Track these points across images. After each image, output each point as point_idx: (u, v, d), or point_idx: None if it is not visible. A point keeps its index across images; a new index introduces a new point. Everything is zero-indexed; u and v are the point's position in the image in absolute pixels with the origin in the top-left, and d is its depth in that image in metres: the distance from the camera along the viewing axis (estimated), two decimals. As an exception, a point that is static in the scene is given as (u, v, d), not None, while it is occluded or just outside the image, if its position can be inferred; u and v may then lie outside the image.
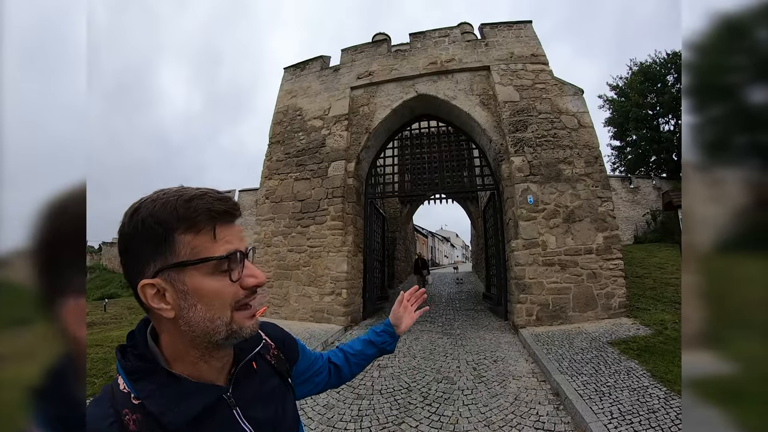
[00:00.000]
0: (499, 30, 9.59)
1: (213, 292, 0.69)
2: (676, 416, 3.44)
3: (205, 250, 0.69)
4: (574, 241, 7.61)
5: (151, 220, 0.67)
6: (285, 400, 0.92)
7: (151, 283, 0.67)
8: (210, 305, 0.69)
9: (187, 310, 0.69)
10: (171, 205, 0.68)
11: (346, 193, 9.27)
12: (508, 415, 3.95)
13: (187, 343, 0.72)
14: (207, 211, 0.69)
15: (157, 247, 0.67)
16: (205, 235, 0.69)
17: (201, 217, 0.68)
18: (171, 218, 0.67)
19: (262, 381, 0.89)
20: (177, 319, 0.69)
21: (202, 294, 0.69)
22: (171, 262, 0.67)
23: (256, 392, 0.86)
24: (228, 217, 0.73)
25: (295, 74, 10.97)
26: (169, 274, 0.68)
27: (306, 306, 8.88)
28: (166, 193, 0.70)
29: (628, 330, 6.27)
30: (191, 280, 0.68)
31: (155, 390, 0.69)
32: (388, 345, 1.38)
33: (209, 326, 0.70)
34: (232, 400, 0.78)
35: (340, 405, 4.38)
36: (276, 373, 0.95)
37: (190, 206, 0.68)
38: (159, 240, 0.67)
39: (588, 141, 8.28)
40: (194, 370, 0.74)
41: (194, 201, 0.69)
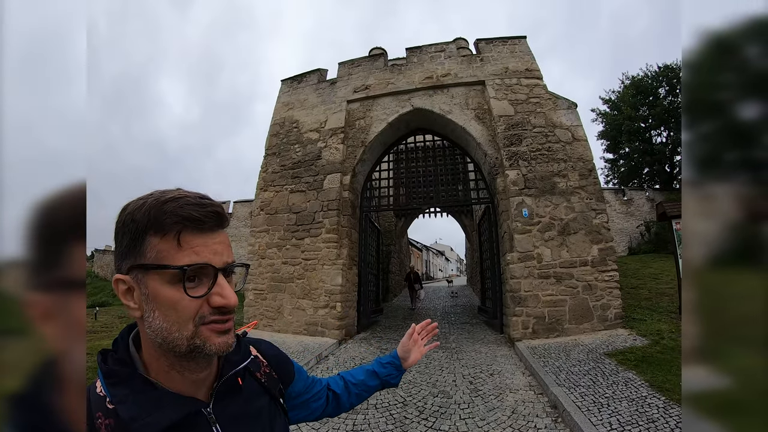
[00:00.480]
0: (494, 45, 9.76)
1: (170, 302, 0.65)
2: (675, 425, 3.42)
3: (168, 257, 0.65)
4: (569, 253, 7.63)
5: (129, 218, 0.67)
6: (273, 422, 0.86)
7: (122, 279, 0.68)
8: (166, 315, 0.66)
9: (149, 314, 0.66)
10: (148, 206, 0.66)
11: (342, 206, 9.27)
12: (506, 428, 3.90)
13: (155, 348, 0.69)
14: (173, 215, 0.66)
15: (130, 245, 0.66)
16: (170, 241, 0.66)
17: (168, 220, 0.65)
18: (143, 218, 0.65)
19: (249, 399, 0.84)
20: (142, 320, 0.68)
21: (159, 302, 0.65)
22: (138, 262, 0.66)
23: (241, 410, 0.80)
24: (198, 224, 0.68)
25: (292, 87, 11.05)
26: (136, 274, 0.67)
27: (300, 319, 8.79)
28: (153, 194, 0.69)
29: (625, 341, 6.26)
30: (152, 285, 0.66)
31: (129, 395, 0.66)
32: (392, 378, 1.30)
33: (167, 336, 0.66)
34: (212, 416, 0.74)
35: (335, 420, 4.29)
36: (266, 392, 0.88)
37: (162, 209, 0.66)
38: (132, 238, 0.66)
39: (582, 154, 8.37)
40: (167, 379, 0.70)
41: (168, 203, 0.66)
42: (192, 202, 0.68)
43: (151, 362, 0.71)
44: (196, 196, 0.70)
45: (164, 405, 0.67)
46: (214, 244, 0.70)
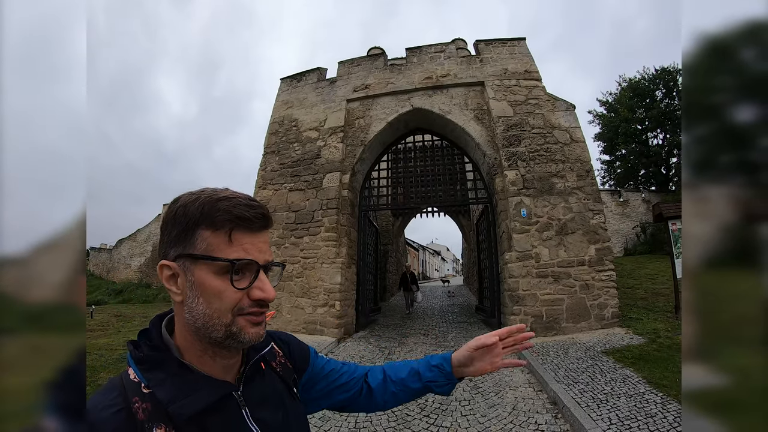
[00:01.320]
0: (493, 46, 9.82)
1: (215, 291, 0.70)
2: (673, 420, 3.49)
3: (218, 251, 0.71)
4: (567, 253, 7.70)
5: (181, 210, 0.72)
6: (289, 410, 0.88)
7: (168, 265, 0.73)
8: (209, 302, 0.70)
9: (192, 300, 0.71)
10: (201, 201, 0.72)
11: (341, 204, 9.29)
12: (507, 424, 3.95)
13: (192, 333, 0.73)
14: (227, 213, 0.71)
15: (181, 236, 0.72)
16: (221, 236, 0.71)
17: (221, 217, 0.71)
18: (196, 212, 0.71)
19: (270, 384, 0.88)
20: (183, 305, 0.72)
21: (204, 290, 0.70)
22: (187, 251, 0.71)
23: (264, 394, 0.84)
24: (248, 224, 0.74)
25: (291, 85, 11.05)
26: (184, 262, 0.72)
27: (299, 317, 8.80)
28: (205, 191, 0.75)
29: (622, 339, 6.33)
30: (199, 274, 0.71)
31: (166, 379, 0.70)
32: (437, 386, 1.06)
33: (207, 322, 0.71)
34: (242, 399, 0.78)
35: (337, 417, 4.32)
36: (281, 380, 0.92)
37: (216, 206, 0.71)
38: (183, 230, 0.71)
39: (580, 155, 8.46)
40: (200, 363, 0.75)
41: (222, 202, 0.72)
42: (243, 203, 0.74)
43: (186, 347, 0.75)
44: (246, 197, 0.76)
45: (200, 387, 0.71)
46: (259, 243, 0.76)
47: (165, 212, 0.76)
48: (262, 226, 0.77)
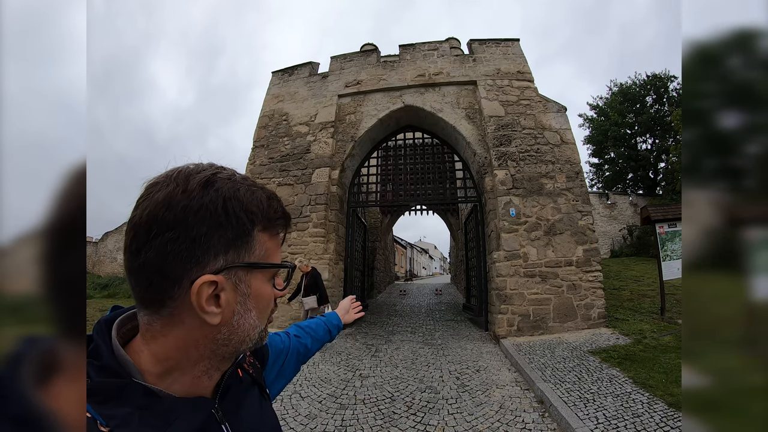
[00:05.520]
0: (487, 46, 9.84)
1: (267, 299, 0.65)
2: (660, 419, 3.52)
3: (273, 256, 0.64)
4: (555, 253, 7.75)
5: (237, 206, 0.57)
6: (264, 415, 0.81)
7: (213, 281, 0.55)
8: (262, 312, 0.64)
9: (241, 315, 0.60)
10: (258, 196, 0.61)
11: (330, 200, 9.22)
12: (494, 423, 3.93)
13: (205, 353, 0.60)
14: (284, 215, 0.66)
15: (236, 240, 0.58)
16: (276, 239, 0.65)
17: (280, 220, 0.65)
18: (258, 211, 0.60)
19: (246, 390, 0.78)
20: (220, 325, 0.58)
21: (260, 300, 0.63)
22: (244, 260, 0.59)
23: (243, 403, 0.75)
24: (289, 227, 0.70)
25: (283, 79, 10.93)
26: (236, 273, 0.58)
27: (285, 314, 8.70)
28: (236, 177, 0.61)
29: (608, 339, 6.39)
30: (256, 284, 0.62)
31: (132, 414, 0.52)
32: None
33: (250, 333, 0.63)
34: (220, 413, 0.66)
35: (323, 415, 4.27)
36: (254, 382, 0.83)
37: (272, 205, 0.63)
38: (240, 232, 0.58)
39: (570, 157, 8.51)
40: (190, 385, 0.61)
41: (274, 201, 0.65)
42: (278, 200, 0.67)
43: (173, 368, 0.59)
44: (271, 191, 0.67)
45: (176, 416, 0.57)
46: None
47: (185, 200, 0.55)
48: None
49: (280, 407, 4.39)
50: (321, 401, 4.63)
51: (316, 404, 4.54)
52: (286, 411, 4.34)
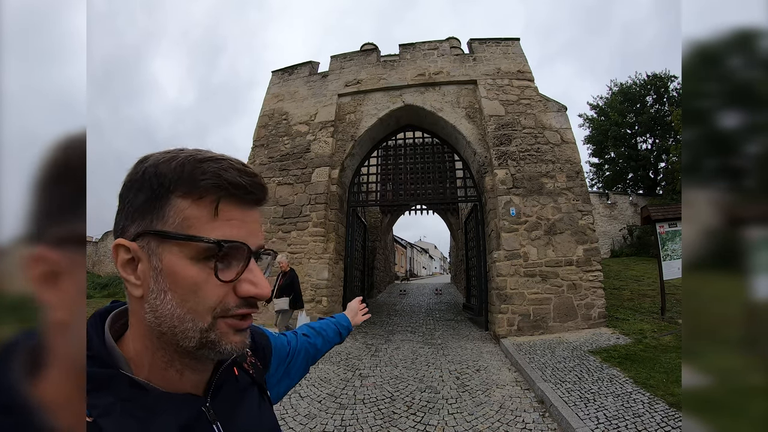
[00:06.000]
0: (487, 46, 9.84)
1: (190, 283, 0.54)
2: (661, 419, 3.52)
3: (199, 227, 0.53)
4: (555, 252, 7.74)
5: (151, 171, 0.54)
6: (263, 417, 0.77)
7: (125, 245, 0.54)
8: (183, 299, 0.54)
9: (156, 294, 0.54)
10: (179, 160, 0.55)
11: (329, 199, 9.21)
12: (494, 423, 3.93)
13: (154, 339, 0.56)
14: (215, 176, 0.54)
15: (146, 204, 0.54)
16: (204, 208, 0.54)
17: (206, 181, 0.54)
18: (172, 174, 0.54)
19: (242, 390, 0.73)
20: (143, 301, 0.55)
21: (176, 281, 0.53)
22: (155, 227, 0.53)
23: (238, 403, 0.70)
24: (242, 193, 0.57)
25: (282, 78, 10.93)
26: (149, 242, 0.54)
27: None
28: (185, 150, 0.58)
29: (609, 339, 6.38)
30: (169, 259, 0.53)
31: (115, 404, 0.52)
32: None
33: (177, 326, 0.54)
34: (212, 412, 0.62)
35: (323, 415, 4.27)
36: (253, 382, 0.78)
37: (199, 167, 0.54)
38: (151, 196, 0.54)
39: (570, 156, 8.51)
40: (162, 379, 0.58)
41: (207, 162, 0.55)
42: (236, 167, 0.57)
43: (142, 356, 0.58)
44: (238, 161, 0.59)
45: (161, 410, 0.55)
46: (251, 222, 0.59)
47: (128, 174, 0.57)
48: (256, 200, 0.60)
49: (279, 407, 4.39)
50: (320, 401, 4.63)
51: (315, 404, 4.54)
52: (286, 411, 4.33)
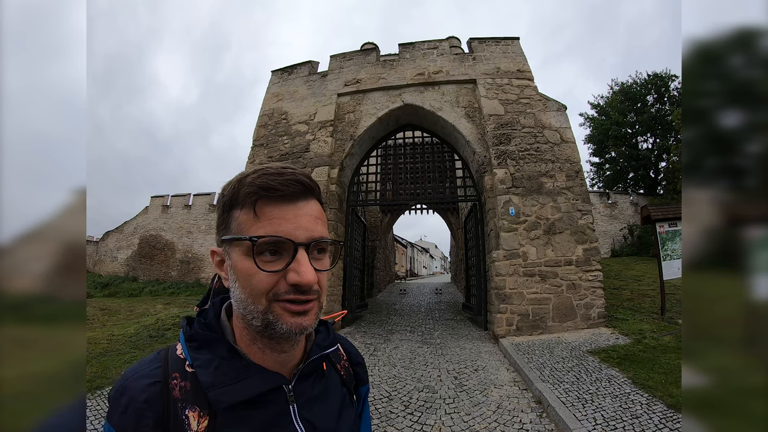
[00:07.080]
0: (486, 45, 9.82)
1: (245, 274, 0.65)
2: (659, 420, 3.49)
3: (245, 229, 0.65)
4: (555, 252, 7.72)
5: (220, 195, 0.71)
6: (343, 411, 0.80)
7: (216, 251, 0.73)
8: (243, 286, 0.65)
9: (232, 283, 0.68)
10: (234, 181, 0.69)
11: (329, 199, 9.18)
12: (491, 423, 3.91)
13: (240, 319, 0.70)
14: (249, 186, 0.66)
15: (220, 220, 0.70)
16: (247, 213, 0.65)
17: (244, 191, 0.66)
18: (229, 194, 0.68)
19: (329, 386, 0.80)
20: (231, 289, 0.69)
21: (238, 272, 0.66)
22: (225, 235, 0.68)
23: (320, 394, 0.77)
24: (274, 192, 0.65)
25: (282, 78, 10.91)
26: (225, 246, 0.69)
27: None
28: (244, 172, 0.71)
29: (608, 339, 6.36)
30: (234, 256, 0.67)
31: (212, 360, 0.66)
32: None
33: (246, 307, 0.66)
34: (292, 394, 0.71)
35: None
36: (344, 384, 0.85)
37: (242, 182, 0.67)
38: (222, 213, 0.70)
39: (570, 156, 8.48)
40: (249, 353, 0.70)
41: (248, 177, 0.67)
42: (270, 172, 0.67)
43: (239, 332, 0.71)
44: (279, 166, 0.69)
45: (247, 376, 0.66)
46: (297, 217, 0.66)
47: None
48: (298, 194, 0.67)
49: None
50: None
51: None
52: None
